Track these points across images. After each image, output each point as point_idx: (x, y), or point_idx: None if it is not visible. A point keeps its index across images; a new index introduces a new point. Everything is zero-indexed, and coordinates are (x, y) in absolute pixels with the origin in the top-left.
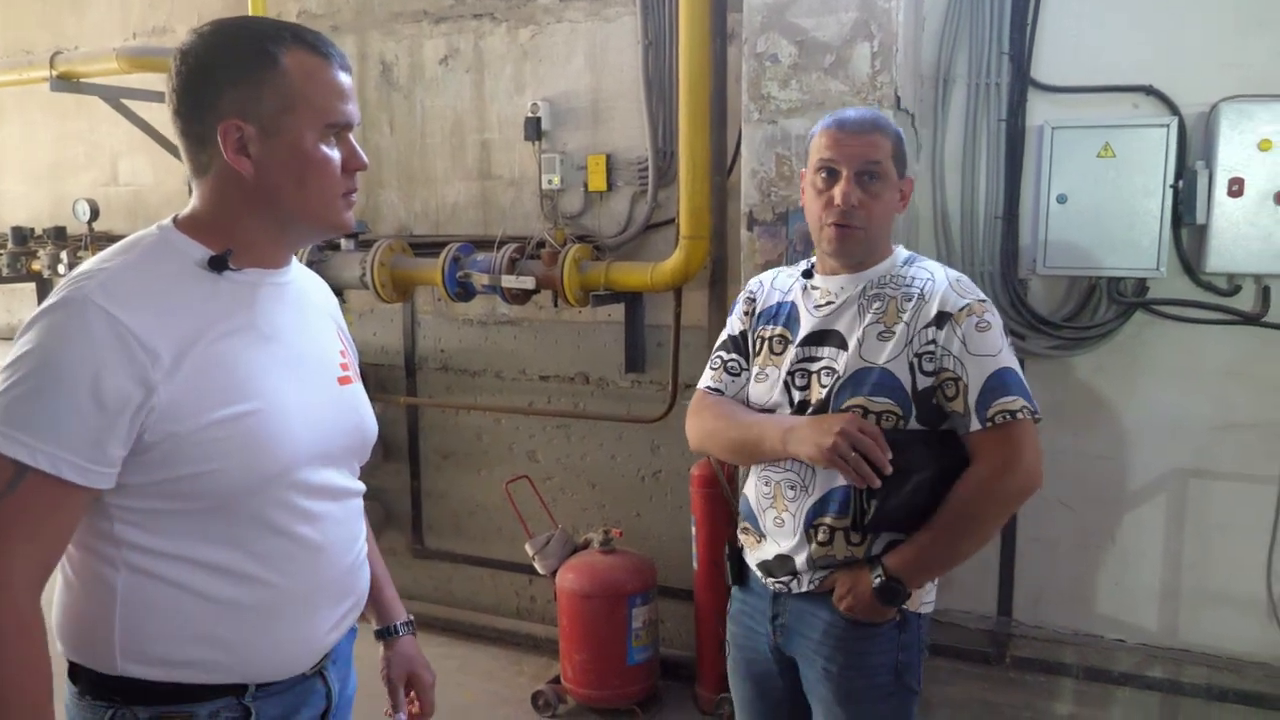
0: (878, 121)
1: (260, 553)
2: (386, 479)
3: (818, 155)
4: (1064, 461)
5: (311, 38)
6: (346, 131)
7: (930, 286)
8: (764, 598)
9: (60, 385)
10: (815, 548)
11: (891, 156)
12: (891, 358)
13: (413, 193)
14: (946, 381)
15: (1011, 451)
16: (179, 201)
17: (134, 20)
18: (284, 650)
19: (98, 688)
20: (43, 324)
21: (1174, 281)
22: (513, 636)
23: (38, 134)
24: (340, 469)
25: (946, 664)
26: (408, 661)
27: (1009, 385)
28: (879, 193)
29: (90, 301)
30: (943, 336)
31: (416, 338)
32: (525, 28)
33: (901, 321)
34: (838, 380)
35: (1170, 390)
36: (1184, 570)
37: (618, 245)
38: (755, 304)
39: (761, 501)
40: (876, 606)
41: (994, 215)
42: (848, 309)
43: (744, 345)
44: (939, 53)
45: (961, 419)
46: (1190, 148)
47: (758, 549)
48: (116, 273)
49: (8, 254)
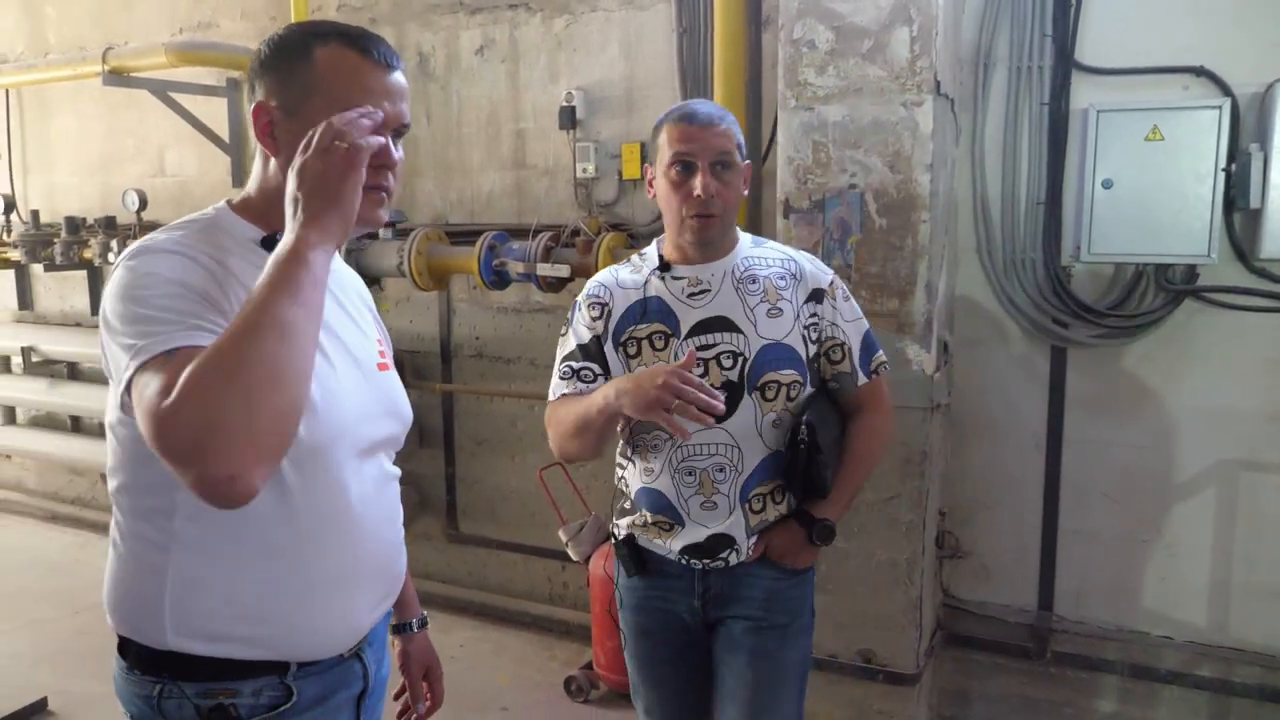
0: (723, 113)
1: (305, 531)
2: (422, 465)
3: (671, 149)
4: (1107, 453)
5: (357, 35)
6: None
7: (795, 266)
8: (684, 578)
9: (169, 284)
10: (753, 517)
11: (737, 146)
12: (787, 332)
13: (449, 182)
14: (833, 348)
15: (884, 396)
16: (223, 192)
17: (180, 15)
18: (326, 628)
19: (146, 663)
20: (128, 266)
21: (1225, 268)
22: (546, 622)
23: (89, 127)
24: (380, 451)
25: (985, 658)
26: (425, 655)
27: (874, 342)
28: (731, 181)
29: (164, 249)
30: (823, 310)
31: (452, 325)
32: (560, 17)
33: (784, 299)
34: (744, 361)
35: (1221, 380)
36: (1235, 565)
37: (651, 233)
38: (608, 308)
39: (683, 491)
40: (812, 552)
41: (1036, 201)
42: (724, 294)
43: (596, 351)
44: (979, 36)
45: (849, 377)
46: (1244, 130)
47: (676, 536)
48: (180, 238)
49: (61, 243)
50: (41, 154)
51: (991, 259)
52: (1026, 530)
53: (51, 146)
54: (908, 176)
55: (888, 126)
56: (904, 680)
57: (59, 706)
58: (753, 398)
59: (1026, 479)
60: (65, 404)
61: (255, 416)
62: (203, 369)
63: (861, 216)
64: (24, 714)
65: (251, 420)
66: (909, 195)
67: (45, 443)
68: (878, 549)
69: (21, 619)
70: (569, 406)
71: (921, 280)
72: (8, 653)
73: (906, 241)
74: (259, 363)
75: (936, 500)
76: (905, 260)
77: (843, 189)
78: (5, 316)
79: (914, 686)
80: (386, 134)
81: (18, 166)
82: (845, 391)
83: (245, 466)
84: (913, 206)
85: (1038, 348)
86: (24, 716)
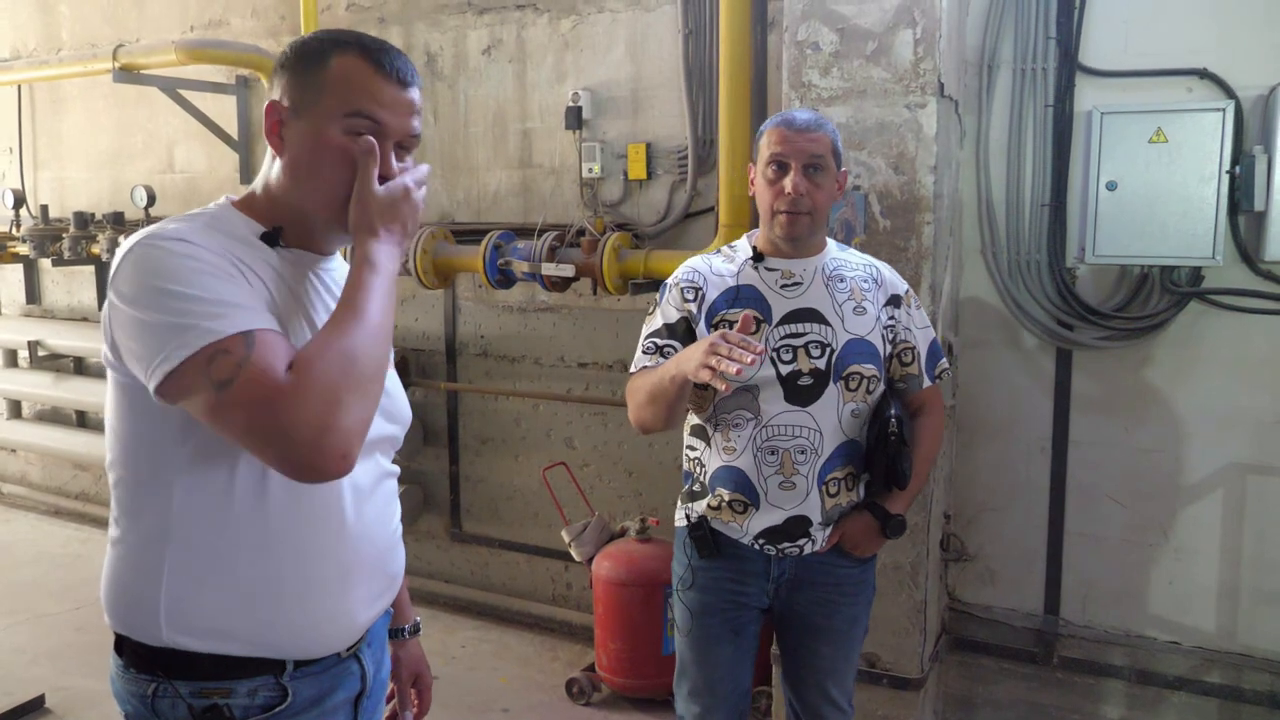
0: (820, 122)
1: (300, 527)
2: (426, 463)
3: (769, 151)
4: (1113, 455)
5: (376, 48)
6: (381, 135)
7: (877, 272)
8: (755, 561)
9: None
10: (828, 500)
11: (831, 152)
12: (870, 330)
13: (455, 181)
14: (904, 350)
15: (941, 401)
16: (230, 188)
17: (191, 14)
18: (322, 626)
19: (142, 660)
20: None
21: (1231, 270)
22: (548, 623)
23: (99, 123)
24: (377, 449)
25: (991, 662)
26: (415, 662)
27: (939, 350)
28: (821, 183)
29: (180, 237)
30: (900, 315)
31: (457, 324)
32: (567, 18)
33: (868, 300)
34: (831, 352)
35: (1227, 382)
36: (1244, 569)
37: (657, 233)
38: (701, 291)
39: (764, 470)
40: (880, 542)
41: (1040, 203)
42: (815, 289)
43: (684, 331)
44: (984, 38)
45: (916, 379)
46: (1248, 132)
47: (752, 518)
48: (186, 230)
49: (69, 238)
50: (52, 149)
51: (996, 261)
52: (1032, 533)
53: (62, 142)
54: (912, 178)
55: (892, 128)
56: (908, 685)
57: (56, 704)
58: (837, 386)
59: (1032, 482)
60: (71, 399)
61: (367, 403)
62: (324, 356)
63: (865, 218)
64: (20, 711)
65: (365, 406)
66: (913, 197)
67: (50, 437)
68: (882, 552)
69: (24, 613)
70: (646, 377)
71: (926, 282)
72: (9, 647)
73: (911, 243)
74: (370, 357)
75: (941, 503)
76: (909, 262)
77: (847, 190)
78: (13, 311)
79: (919, 692)
80: (389, 143)
81: (29, 161)
82: (910, 391)
83: (355, 446)
84: (917, 208)
85: (1043, 350)
86: (21, 714)
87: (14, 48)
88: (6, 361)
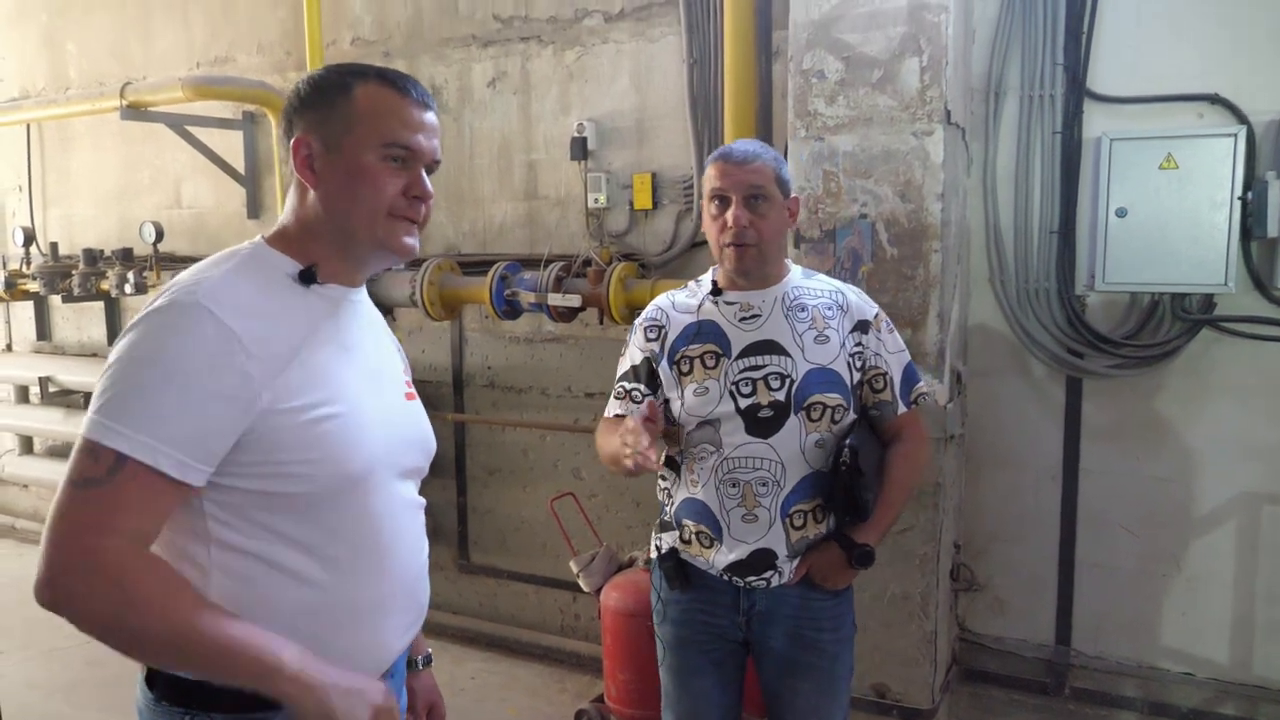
0: (758, 152)
1: (338, 557)
2: (433, 494)
3: (710, 186)
4: (1125, 484)
5: (394, 76)
6: (414, 159)
7: (842, 299)
8: (725, 593)
9: (169, 382)
10: (794, 533)
11: (774, 181)
12: (833, 358)
13: (461, 213)
14: (875, 376)
15: (921, 426)
16: (237, 223)
17: (198, 50)
18: (357, 654)
19: (177, 693)
20: (152, 324)
21: (1243, 298)
22: (557, 654)
23: (107, 159)
24: (408, 479)
25: (1001, 693)
26: (429, 693)
27: (915, 374)
28: (766, 213)
29: (200, 305)
30: (869, 340)
31: (464, 355)
32: (571, 50)
33: (831, 328)
34: (791, 383)
35: (1241, 411)
36: (1258, 600)
37: (663, 263)
38: (664, 330)
39: (726, 503)
40: (850, 574)
41: (1049, 230)
42: (774, 320)
43: (647, 372)
44: (990, 65)
45: (890, 405)
46: (1260, 158)
47: (718, 552)
48: (220, 281)
49: (79, 274)
50: (61, 187)
51: (1005, 289)
52: (1043, 563)
53: (71, 179)
54: (919, 206)
55: (898, 156)
56: (919, 716)
57: None
58: (798, 417)
59: (1043, 511)
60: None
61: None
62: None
63: (873, 246)
64: None
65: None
66: (920, 224)
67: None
68: (891, 582)
69: (36, 648)
70: (608, 438)
71: (934, 310)
72: (24, 682)
73: (918, 271)
74: (156, 651)
75: (951, 533)
76: (917, 290)
77: (853, 218)
78: (24, 347)
79: None
80: (419, 167)
81: (38, 199)
82: (884, 419)
83: (64, 610)
84: (924, 236)
85: (1053, 378)
86: None
87: (23, 87)
88: (18, 397)
